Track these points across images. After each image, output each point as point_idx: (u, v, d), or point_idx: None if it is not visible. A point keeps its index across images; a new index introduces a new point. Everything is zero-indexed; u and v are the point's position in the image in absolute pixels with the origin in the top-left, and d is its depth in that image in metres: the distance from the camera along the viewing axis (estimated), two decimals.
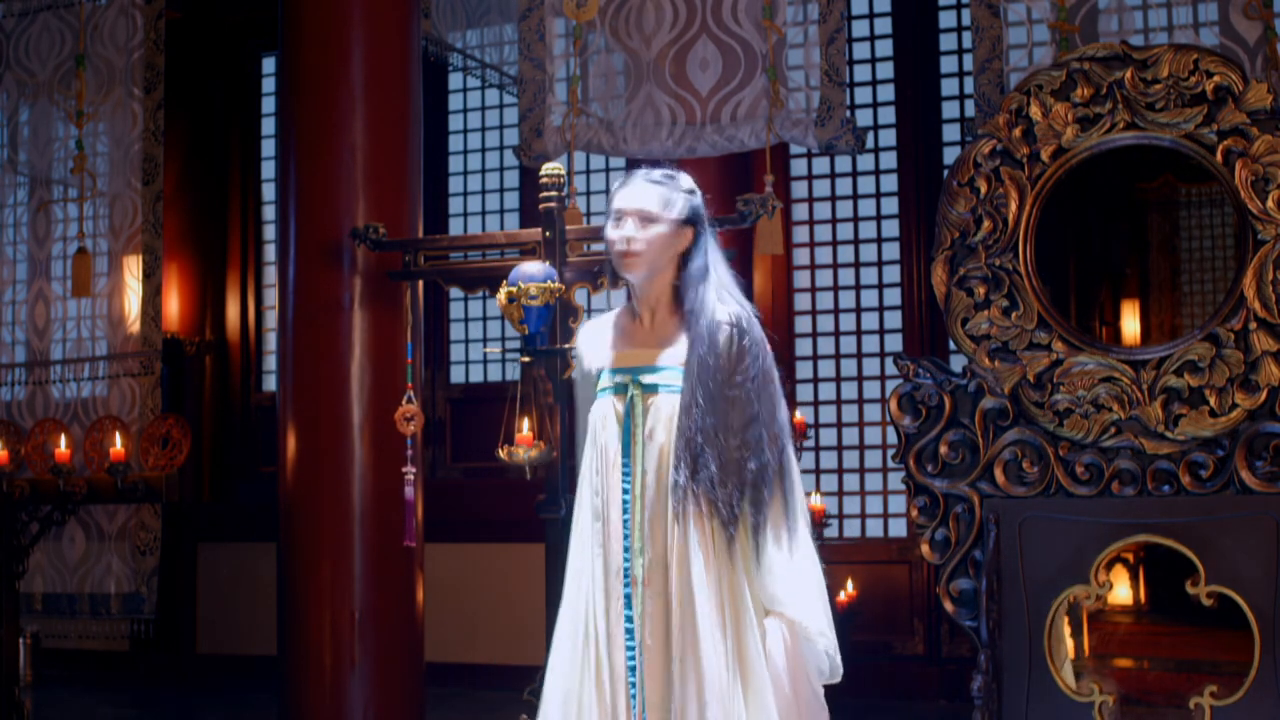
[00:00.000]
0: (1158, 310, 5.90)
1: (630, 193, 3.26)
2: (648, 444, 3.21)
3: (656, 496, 3.19)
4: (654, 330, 3.30)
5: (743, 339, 3.22)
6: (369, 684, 5.41)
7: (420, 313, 5.69)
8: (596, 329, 3.40)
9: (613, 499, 3.22)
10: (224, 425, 9.78)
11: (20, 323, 8.21)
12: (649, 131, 6.00)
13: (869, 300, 8.52)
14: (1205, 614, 4.73)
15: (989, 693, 4.72)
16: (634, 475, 3.20)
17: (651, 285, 3.29)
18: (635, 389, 3.23)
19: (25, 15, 8.11)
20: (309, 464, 5.59)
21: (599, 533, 3.22)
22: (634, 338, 3.31)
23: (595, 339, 3.37)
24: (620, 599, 3.16)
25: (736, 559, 3.15)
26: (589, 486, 3.27)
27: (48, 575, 7.97)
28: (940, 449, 4.97)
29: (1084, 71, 4.90)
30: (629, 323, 3.35)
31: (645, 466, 3.20)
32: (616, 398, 3.26)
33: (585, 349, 3.39)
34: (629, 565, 3.16)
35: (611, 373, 3.28)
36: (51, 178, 8.15)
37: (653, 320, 3.31)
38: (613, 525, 3.21)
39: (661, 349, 3.27)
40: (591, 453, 3.29)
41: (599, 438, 3.27)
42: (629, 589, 3.15)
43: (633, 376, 3.25)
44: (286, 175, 5.76)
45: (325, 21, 5.73)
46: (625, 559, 3.17)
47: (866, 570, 8.04)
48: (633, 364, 3.26)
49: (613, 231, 3.25)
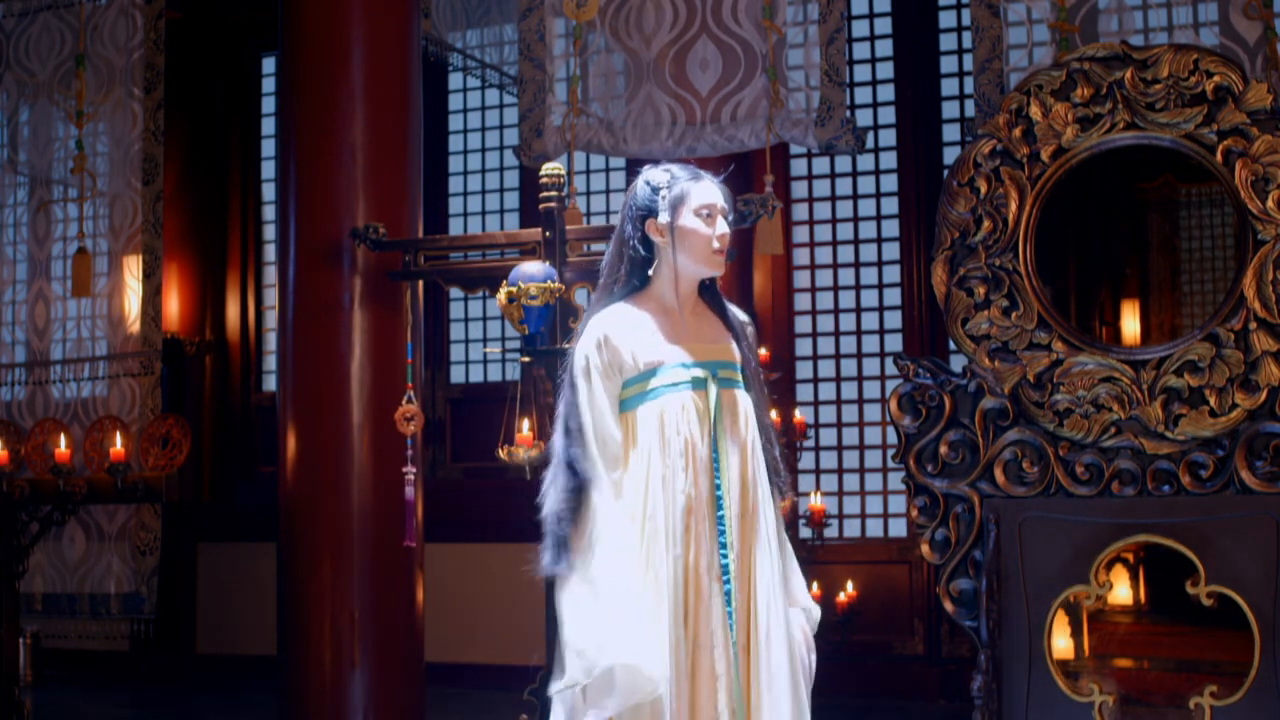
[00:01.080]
0: (1158, 310, 5.90)
1: (714, 190, 3.27)
2: (731, 440, 3.19)
3: (741, 494, 3.18)
4: (701, 326, 3.27)
5: (755, 337, 3.32)
6: (369, 684, 5.41)
7: (420, 313, 5.69)
8: (624, 322, 3.22)
9: (703, 496, 3.15)
10: (224, 425, 9.78)
11: (20, 323, 8.21)
12: (649, 131, 6.00)
13: (869, 300, 8.53)
14: (1205, 614, 4.73)
15: (989, 693, 4.72)
16: (724, 472, 3.15)
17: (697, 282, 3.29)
18: (715, 384, 3.19)
19: (25, 15, 8.11)
20: (309, 464, 5.59)
21: (682, 533, 3.11)
22: (687, 332, 3.23)
23: (631, 332, 3.21)
24: (720, 597, 3.10)
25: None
26: (668, 486, 3.13)
27: (48, 575, 7.97)
28: (940, 449, 4.97)
29: (1084, 71, 4.90)
30: (664, 318, 3.24)
31: (731, 462, 3.17)
32: (696, 393, 3.17)
33: (622, 341, 3.19)
34: (727, 563, 3.11)
35: (681, 366, 3.18)
36: (51, 178, 8.15)
37: (695, 315, 3.27)
38: (705, 524, 3.13)
39: (722, 344, 3.26)
40: (664, 449, 3.14)
41: (676, 433, 3.14)
42: (730, 585, 3.11)
43: (711, 371, 3.20)
44: (286, 175, 5.76)
45: (325, 21, 5.73)
46: (723, 557, 3.12)
47: (866, 570, 8.05)
48: (707, 358, 3.21)
49: (705, 229, 3.21)
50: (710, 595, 3.11)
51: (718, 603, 3.11)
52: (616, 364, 3.18)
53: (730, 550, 3.13)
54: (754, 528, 3.18)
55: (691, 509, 3.12)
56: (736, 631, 3.10)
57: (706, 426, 3.16)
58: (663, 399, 3.16)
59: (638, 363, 3.18)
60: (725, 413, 3.19)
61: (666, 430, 3.14)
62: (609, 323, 3.21)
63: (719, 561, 3.12)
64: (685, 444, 3.14)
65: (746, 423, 3.22)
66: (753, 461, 3.21)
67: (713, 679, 3.08)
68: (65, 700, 8.15)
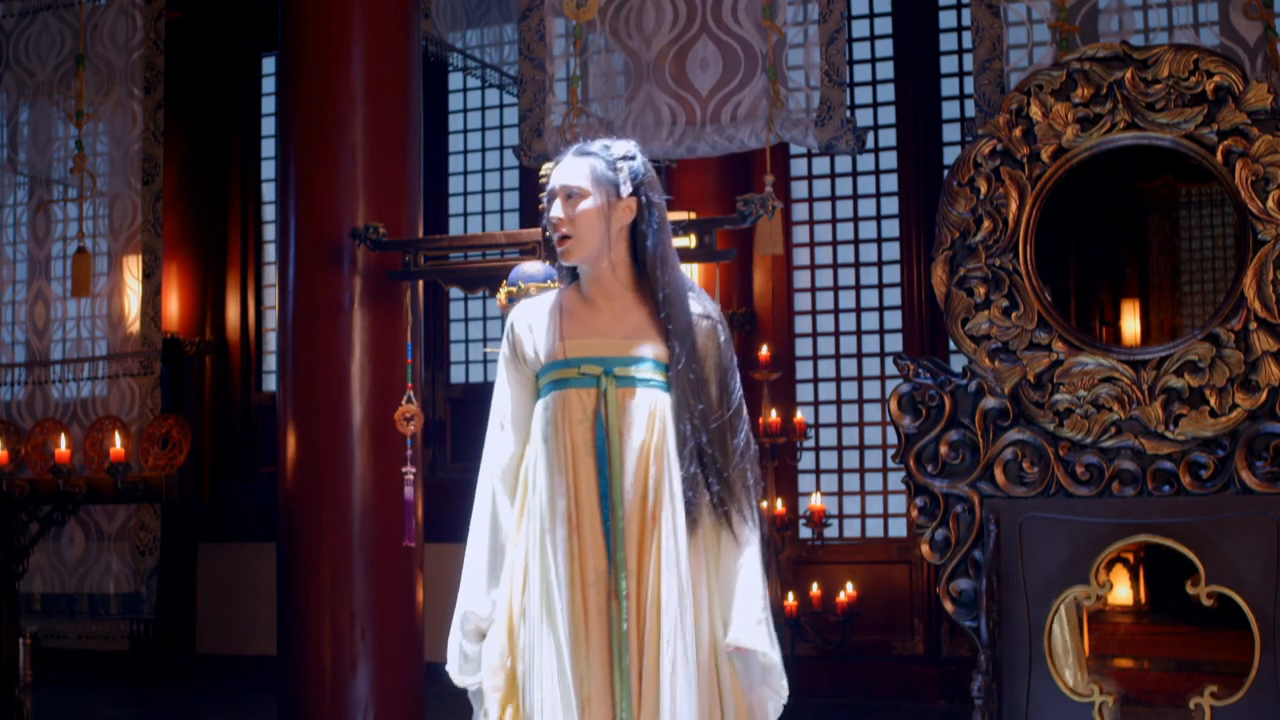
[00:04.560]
0: (1158, 310, 5.90)
1: (558, 169, 2.98)
2: (625, 442, 2.91)
3: (635, 500, 2.89)
4: (617, 317, 2.98)
5: (724, 333, 3.02)
6: (369, 684, 5.41)
7: (420, 313, 5.69)
8: (537, 312, 3.04)
9: (584, 502, 2.89)
10: (224, 425, 9.78)
11: (20, 323, 8.21)
12: (649, 131, 6.00)
13: (869, 300, 8.53)
14: (1205, 614, 4.73)
15: (989, 693, 4.72)
16: (611, 477, 2.88)
17: (600, 267, 2.97)
18: (608, 382, 2.92)
19: (25, 15, 8.11)
20: (309, 464, 5.59)
21: (565, 539, 2.87)
22: (593, 325, 2.97)
23: (538, 323, 3.01)
24: (607, 615, 2.85)
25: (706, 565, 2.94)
26: (549, 488, 2.90)
27: (47, 575, 7.97)
28: (940, 449, 4.97)
29: (1084, 71, 4.89)
30: (581, 307, 3.00)
31: (624, 467, 2.89)
32: (582, 391, 2.93)
33: (525, 334, 3.01)
34: (618, 574, 2.85)
35: (571, 363, 2.94)
36: (51, 178, 8.15)
37: (611, 306, 2.99)
38: (586, 531, 2.88)
39: (634, 339, 2.96)
40: (548, 450, 2.93)
41: (559, 434, 2.92)
42: (625, 599, 2.84)
43: (605, 368, 2.92)
44: (286, 175, 5.76)
45: (325, 21, 5.73)
46: (608, 567, 2.86)
47: (866, 570, 8.05)
48: (601, 354, 2.94)
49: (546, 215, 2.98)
50: (592, 612, 2.86)
51: (598, 622, 2.85)
52: (521, 354, 3.03)
53: (623, 568, 2.85)
54: (655, 543, 2.87)
55: (570, 516, 2.89)
56: (631, 657, 2.84)
57: (591, 428, 2.92)
58: (550, 396, 2.96)
59: (538, 356, 3.00)
60: (621, 414, 2.91)
61: (549, 429, 2.94)
62: (522, 313, 3.06)
63: (613, 577, 2.86)
64: (566, 446, 2.92)
65: (652, 425, 2.92)
66: (656, 469, 2.90)
67: (603, 705, 2.83)
68: (65, 700, 8.15)
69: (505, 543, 3.02)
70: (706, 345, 2.99)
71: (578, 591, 2.86)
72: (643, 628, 2.85)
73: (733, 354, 3.04)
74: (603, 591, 2.86)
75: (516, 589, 2.98)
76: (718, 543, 2.96)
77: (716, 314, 3.03)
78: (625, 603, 2.84)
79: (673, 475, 2.90)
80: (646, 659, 2.83)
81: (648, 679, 2.83)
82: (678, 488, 2.90)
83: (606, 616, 2.86)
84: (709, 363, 2.98)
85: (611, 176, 2.95)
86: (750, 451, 3.00)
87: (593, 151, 2.98)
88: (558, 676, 2.84)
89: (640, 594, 2.86)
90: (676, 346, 2.93)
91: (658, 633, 2.83)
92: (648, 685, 2.82)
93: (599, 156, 2.97)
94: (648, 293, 2.99)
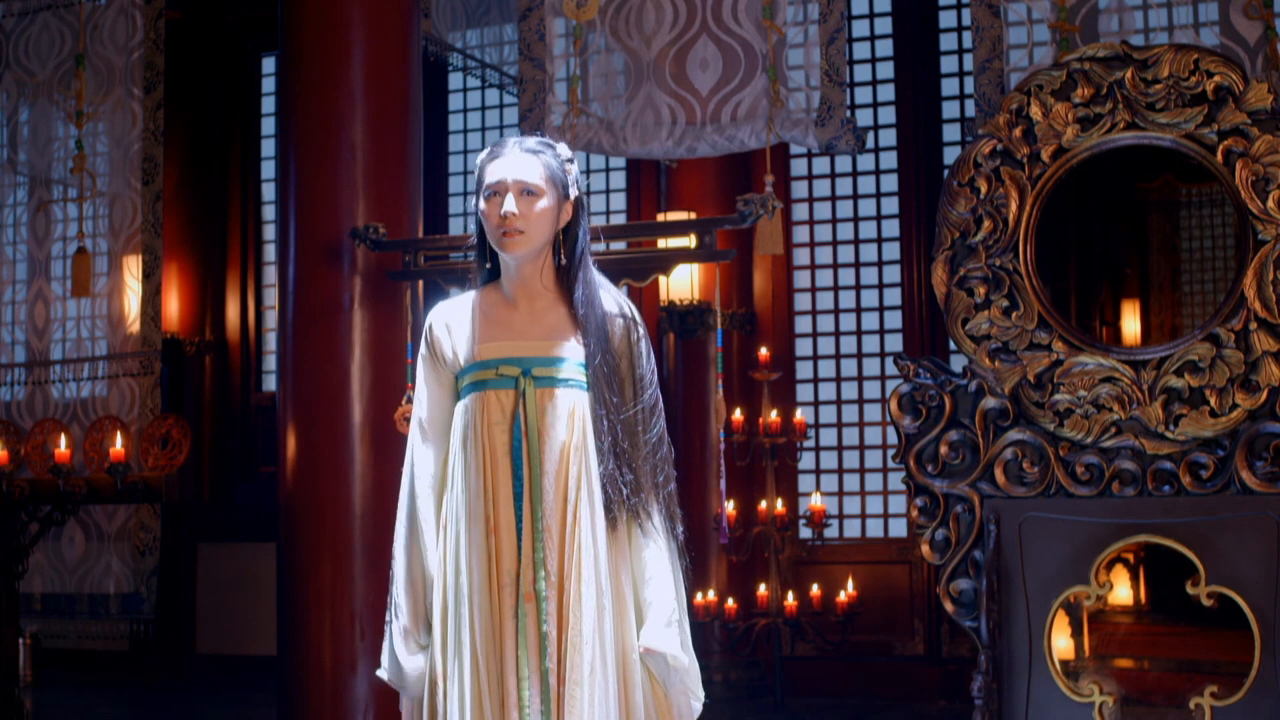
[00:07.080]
0: (1158, 310, 5.90)
1: (508, 163, 2.93)
2: (545, 442, 2.90)
3: (555, 500, 2.88)
4: (537, 318, 2.97)
5: (638, 330, 3.01)
6: (369, 684, 5.41)
7: (420, 313, 5.69)
8: (455, 312, 3.01)
9: (501, 503, 2.88)
10: (224, 425, 9.78)
11: (20, 323, 8.21)
12: (649, 131, 6.00)
13: (869, 300, 8.53)
14: (1205, 614, 4.73)
15: (989, 693, 4.72)
16: (526, 478, 2.88)
17: (530, 267, 2.96)
18: (527, 383, 2.90)
19: (25, 15, 8.11)
20: (309, 464, 5.59)
21: (482, 540, 2.86)
22: (512, 326, 2.96)
23: (456, 324, 3.00)
24: (526, 619, 2.83)
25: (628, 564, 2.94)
26: (466, 489, 2.90)
27: (47, 575, 7.97)
28: (940, 449, 4.97)
29: (1084, 71, 4.89)
30: (500, 308, 2.99)
31: (544, 467, 2.88)
32: (501, 392, 2.92)
33: (444, 334, 2.99)
34: (536, 575, 2.85)
35: (491, 364, 2.93)
36: (51, 178, 8.15)
37: (532, 306, 2.98)
38: (504, 532, 2.87)
39: (554, 339, 2.95)
40: (465, 452, 2.92)
41: (477, 435, 2.90)
42: (544, 600, 2.84)
43: (523, 369, 2.91)
44: (286, 175, 5.76)
45: (325, 21, 5.73)
46: (520, 568, 2.85)
47: (866, 570, 8.05)
48: (520, 354, 2.92)
49: (486, 205, 2.91)
50: (506, 615, 2.84)
51: (511, 625, 2.84)
52: (440, 355, 3.00)
53: (541, 568, 2.84)
54: (575, 543, 2.86)
55: (488, 518, 2.88)
56: (553, 660, 2.82)
57: (508, 429, 2.90)
58: (470, 398, 2.94)
59: (458, 358, 2.97)
60: (541, 415, 2.90)
61: (468, 431, 2.92)
62: (440, 313, 3.03)
63: (531, 578, 2.84)
64: (485, 448, 2.90)
65: (572, 425, 2.90)
66: (577, 468, 2.89)
67: (517, 708, 2.80)
68: (65, 700, 8.15)
69: (426, 550, 3.00)
70: (621, 343, 2.99)
71: (494, 592, 2.86)
72: (564, 629, 2.84)
73: (649, 354, 3.02)
74: (515, 593, 2.85)
75: (437, 590, 2.97)
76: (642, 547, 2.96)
77: (630, 312, 3.03)
78: (545, 604, 2.84)
79: (592, 474, 2.90)
80: (567, 660, 2.83)
81: (569, 680, 2.82)
82: (597, 486, 2.90)
83: (518, 618, 2.85)
84: (623, 360, 2.98)
85: (562, 178, 2.96)
86: (663, 451, 2.98)
87: (541, 150, 2.97)
88: (470, 680, 2.85)
89: (561, 595, 2.86)
90: (591, 342, 2.93)
91: (580, 634, 2.84)
92: (568, 687, 2.82)
93: (550, 155, 2.97)
94: (566, 293, 2.99)
